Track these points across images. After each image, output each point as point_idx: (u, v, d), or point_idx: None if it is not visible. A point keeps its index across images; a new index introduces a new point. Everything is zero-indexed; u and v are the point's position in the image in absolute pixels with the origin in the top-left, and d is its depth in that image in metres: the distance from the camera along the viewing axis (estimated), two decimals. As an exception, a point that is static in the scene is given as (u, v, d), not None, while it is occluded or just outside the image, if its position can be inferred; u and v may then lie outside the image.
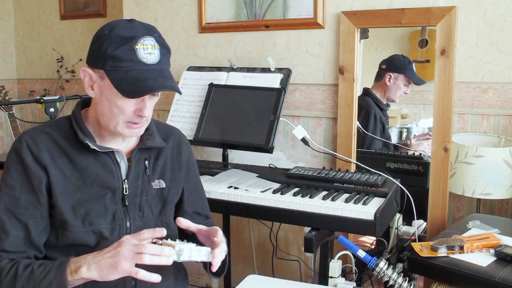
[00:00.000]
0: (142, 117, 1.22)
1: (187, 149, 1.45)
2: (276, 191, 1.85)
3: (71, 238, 1.21)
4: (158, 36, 1.21)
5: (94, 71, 1.20)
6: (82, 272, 1.11)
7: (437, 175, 2.07)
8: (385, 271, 1.49)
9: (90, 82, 1.22)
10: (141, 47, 1.16)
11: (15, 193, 1.20)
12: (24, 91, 3.78)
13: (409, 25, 2.12)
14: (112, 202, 1.26)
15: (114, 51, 1.15)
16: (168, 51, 1.23)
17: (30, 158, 1.20)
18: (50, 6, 3.58)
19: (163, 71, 1.20)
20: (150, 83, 1.16)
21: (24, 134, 1.25)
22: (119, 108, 1.20)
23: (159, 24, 2.65)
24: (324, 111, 2.35)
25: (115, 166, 1.28)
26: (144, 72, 1.17)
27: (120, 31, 1.17)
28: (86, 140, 1.23)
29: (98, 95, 1.22)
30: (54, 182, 1.21)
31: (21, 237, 1.19)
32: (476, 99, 2.08)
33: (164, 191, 1.36)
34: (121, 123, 1.22)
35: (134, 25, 1.19)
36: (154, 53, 1.18)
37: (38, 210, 1.21)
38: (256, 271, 2.59)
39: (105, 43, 1.16)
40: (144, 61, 1.17)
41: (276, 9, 2.38)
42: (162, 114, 2.76)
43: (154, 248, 1.10)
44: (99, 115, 1.24)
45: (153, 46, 1.18)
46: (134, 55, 1.16)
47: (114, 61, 1.16)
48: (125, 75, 1.16)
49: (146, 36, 1.18)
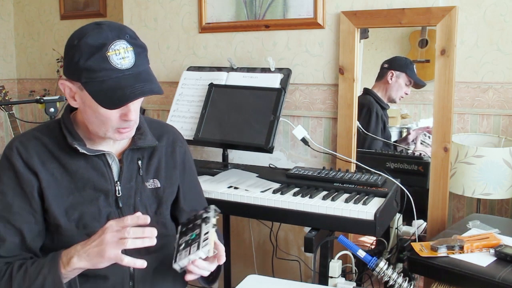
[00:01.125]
0: (129, 121, 1.20)
1: (181, 146, 1.43)
2: (276, 191, 1.85)
3: (66, 242, 1.20)
4: (129, 37, 1.16)
5: (72, 83, 1.18)
6: (73, 262, 1.10)
7: (437, 175, 2.07)
8: (385, 271, 1.49)
9: (71, 93, 1.20)
10: (113, 53, 1.12)
11: (7, 199, 1.19)
12: (24, 91, 3.78)
13: (409, 25, 2.12)
14: (105, 204, 1.25)
15: (86, 62, 1.11)
16: (143, 49, 1.18)
17: (20, 164, 1.20)
18: (50, 6, 3.58)
19: (139, 74, 1.15)
20: (127, 92, 1.12)
21: (15, 140, 1.24)
22: (104, 116, 1.17)
23: (159, 24, 2.66)
24: (324, 111, 2.35)
25: (107, 168, 1.27)
26: (120, 80, 1.12)
27: (89, 39, 1.12)
28: (75, 144, 1.22)
29: (81, 106, 1.20)
30: (45, 187, 1.20)
31: (16, 242, 1.19)
32: (476, 99, 2.08)
33: (159, 190, 1.35)
34: (110, 130, 1.20)
35: (103, 30, 1.14)
36: (127, 57, 1.13)
37: (32, 215, 1.20)
38: (256, 271, 2.59)
39: (76, 55, 1.12)
40: (119, 67, 1.12)
41: (276, 9, 2.38)
42: (162, 114, 2.76)
43: (135, 230, 1.08)
44: (87, 122, 1.22)
45: (125, 50, 1.13)
46: (107, 63, 1.11)
47: (88, 72, 1.12)
48: (101, 85, 1.12)
49: (117, 40, 1.13)
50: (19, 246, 1.19)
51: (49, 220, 1.22)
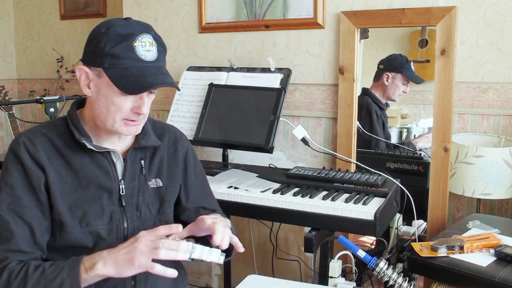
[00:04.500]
0: (140, 115, 1.22)
1: (183, 145, 1.44)
2: (276, 191, 1.85)
3: (69, 239, 1.21)
4: (154, 34, 1.21)
5: (91, 69, 1.20)
6: (98, 268, 1.11)
7: (437, 175, 2.07)
8: (385, 271, 1.49)
9: (86, 80, 1.22)
10: (140, 44, 1.17)
11: (16, 193, 1.19)
12: (24, 91, 3.78)
13: (409, 25, 2.12)
14: (108, 202, 1.26)
15: (113, 48, 1.15)
16: (164, 49, 1.24)
17: (28, 158, 1.20)
18: (50, 6, 3.58)
19: (161, 68, 1.21)
20: (150, 80, 1.17)
21: (21, 135, 1.24)
22: (117, 105, 1.19)
23: (159, 24, 2.66)
24: (324, 111, 2.35)
25: (111, 166, 1.27)
26: (143, 69, 1.17)
27: (118, 29, 1.17)
28: (82, 139, 1.23)
29: (94, 94, 1.22)
30: (51, 182, 1.20)
31: (26, 236, 1.18)
32: (476, 99, 2.08)
33: (161, 189, 1.35)
34: (118, 120, 1.21)
35: (131, 23, 1.20)
36: (152, 51, 1.19)
37: (40, 210, 1.20)
38: (256, 271, 2.59)
39: (103, 41, 1.16)
40: (143, 58, 1.17)
41: (276, 9, 2.38)
42: (162, 114, 2.76)
43: (171, 243, 1.11)
44: (96, 114, 1.24)
45: (151, 44, 1.19)
46: (133, 52, 1.16)
47: (113, 58, 1.16)
48: (125, 72, 1.16)
49: (144, 34, 1.18)
50: (28, 240, 1.18)
51: (53, 216, 1.22)
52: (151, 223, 1.31)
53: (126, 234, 1.27)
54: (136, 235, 1.14)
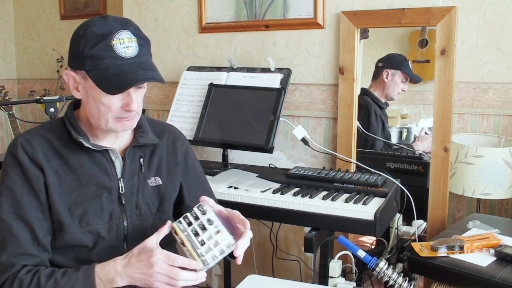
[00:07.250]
0: (131, 112, 1.22)
1: (182, 144, 1.44)
2: (276, 191, 1.85)
3: (69, 239, 1.21)
4: (134, 29, 1.20)
5: (76, 73, 1.20)
6: (117, 282, 1.13)
7: (437, 175, 2.07)
8: (385, 271, 1.49)
9: (74, 84, 1.23)
10: (117, 42, 1.16)
11: (16, 195, 1.19)
12: (24, 91, 3.78)
13: (409, 25, 2.12)
14: (108, 201, 1.26)
15: (91, 50, 1.15)
16: (146, 42, 1.23)
17: (26, 160, 1.20)
18: (50, 6, 3.58)
19: (142, 63, 1.19)
20: (130, 77, 1.16)
21: (19, 137, 1.24)
22: (106, 105, 1.19)
23: (159, 24, 2.66)
24: (324, 111, 2.35)
25: (110, 165, 1.27)
26: (123, 67, 1.16)
27: (95, 29, 1.16)
28: (80, 138, 1.23)
29: (84, 96, 1.23)
30: (50, 183, 1.20)
31: (29, 238, 1.18)
32: (476, 99, 2.08)
33: (161, 188, 1.35)
34: (110, 120, 1.21)
35: (108, 21, 1.18)
36: (131, 46, 1.17)
37: (41, 211, 1.20)
38: (256, 271, 2.59)
39: (82, 43, 1.16)
40: (122, 56, 1.16)
41: (276, 9, 2.38)
42: (162, 114, 2.76)
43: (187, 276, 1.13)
44: (89, 115, 1.24)
45: (129, 39, 1.17)
46: (111, 51, 1.15)
47: (93, 60, 1.15)
48: (105, 72, 1.16)
49: (121, 30, 1.17)
50: (31, 242, 1.18)
51: (52, 217, 1.22)
52: (150, 222, 1.31)
53: (126, 232, 1.27)
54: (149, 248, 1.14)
